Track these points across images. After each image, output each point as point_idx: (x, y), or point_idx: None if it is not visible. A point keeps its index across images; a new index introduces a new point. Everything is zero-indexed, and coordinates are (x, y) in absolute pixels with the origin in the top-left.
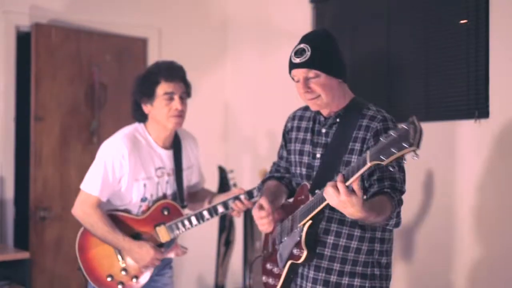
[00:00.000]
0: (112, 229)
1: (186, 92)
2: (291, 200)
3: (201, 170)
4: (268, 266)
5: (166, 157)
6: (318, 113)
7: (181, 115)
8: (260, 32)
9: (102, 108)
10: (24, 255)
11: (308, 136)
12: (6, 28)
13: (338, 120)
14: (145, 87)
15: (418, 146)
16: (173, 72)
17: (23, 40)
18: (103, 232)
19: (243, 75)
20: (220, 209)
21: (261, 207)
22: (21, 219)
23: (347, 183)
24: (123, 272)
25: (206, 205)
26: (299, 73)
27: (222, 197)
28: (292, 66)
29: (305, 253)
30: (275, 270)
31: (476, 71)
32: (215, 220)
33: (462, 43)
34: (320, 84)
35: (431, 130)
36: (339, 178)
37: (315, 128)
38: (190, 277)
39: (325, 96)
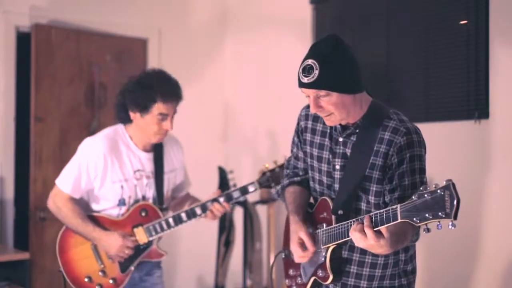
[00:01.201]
0: (82, 220)
1: (176, 109)
2: (309, 207)
3: (187, 174)
4: (291, 272)
5: (145, 159)
6: None
7: (166, 133)
8: (260, 32)
9: (102, 108)
10: (24, 255)
11: (326, 142)
12: (6, 29)
13: (357, 130)
14: (140, 100)
15: (455, 217)
16: (172, 93)
17: (23, 41)
18: (74, 223)
19: (243, 75)
20: (198, 211)
21: (303, 245)
22: (21, 220)
23: (375, 229)
24: (101, 274)
25: (186, 207)
26: (308, 92)
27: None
28: (300, 84)
29: (331, 277)
30: (299, 280)
31: (476, 72)
32: (215, 221)
33: (462, 44)
34: (332, 103)
35: (431, 130)
36: (366, 222)
37: (332, 135)
38: (190, 277)
39: (339, 113)
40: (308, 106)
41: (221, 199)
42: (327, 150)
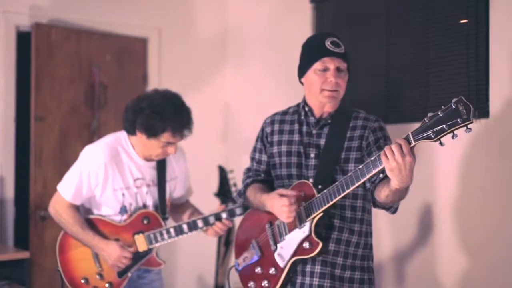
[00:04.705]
0: (82, 228)
1: None
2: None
3: (190, 183)
4: (259, 270)
5: (146, 168)
6: (306, 115)
7: (168, 155)
8: (260, 32)
9: (102, 108)
10: (24, 255)
11: (295, 137)
12: (6, 28)
13: (329, 121)
14: (150, 127)
15: (472, 120)
16: (183, 130)
17: (23, 40)
18: (74, 230)
19: (243, 75)
20: (200, 224)
21: (282, 196)
22: (21, 219)
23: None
24: (98, 277)
25: (186, 219)
26: (334, 61)
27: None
28: (329, 53)
29: (320, 245)
30: (272, 271)
31: (476, 71)
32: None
33: (462, 43)
34: (345, 80)
35: None
36: (402, 140)
37: (303, 130)
38: (190, 277)
39: (342, 92)
40: (273, 114)
41: (224, 215)
42: (296, 144)
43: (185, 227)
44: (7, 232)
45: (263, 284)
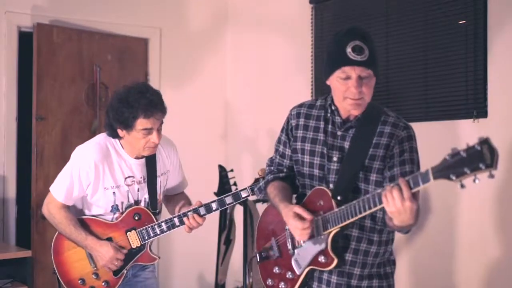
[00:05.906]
0: (75, 228)
1: (162, 120)
2: (294, 202)
3: (183, 175)
4: (277, 270)
5: (136, 166)
6: (332, 113)
7: (156, 146)
8: (260, 32)
9: (103, 108)
10: (26, 253)
11: (320, 136)
12: (8, 28)
13: (355, 124)
14: (122, 118)
15: (496, 167)
16: (153, 109)
17: (25, 40)
18: (67, 231)
19: (243, 75)
20: (190, 216)
21: (301, 218)
22: (23, 218)
23: (412, 191)
24: (94, 276)
25: (177, 211)
26: (356, 70)
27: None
28: (349, 62)
29: (335, 261)
30: (289, 275)
31: (475, 71)
32: (216, 219)
33: (461, 43)
34: (370, 85)
35: (430, 129)
36: (403, 183)
37: (328, 129)
38: (191, 276)
39: (368, 98)
40: (299, 106)
41: (214, 205)
42: (321, 144)
43: (176, 220)
44: (9, 231)
45: (280, 286)
